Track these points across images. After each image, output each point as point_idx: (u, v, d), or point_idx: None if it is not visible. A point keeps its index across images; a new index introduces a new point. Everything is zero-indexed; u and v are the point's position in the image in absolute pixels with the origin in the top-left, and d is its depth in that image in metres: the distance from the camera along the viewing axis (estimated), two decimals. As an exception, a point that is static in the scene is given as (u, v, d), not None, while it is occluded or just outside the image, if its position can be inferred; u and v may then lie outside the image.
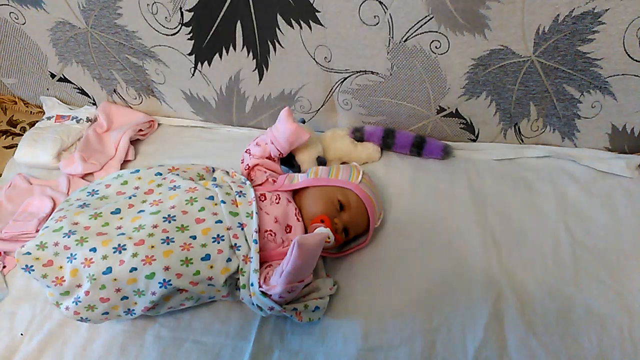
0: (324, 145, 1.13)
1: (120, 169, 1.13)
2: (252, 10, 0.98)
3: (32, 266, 0.80)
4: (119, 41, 1.12)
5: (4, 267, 1.00)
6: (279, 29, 1.00)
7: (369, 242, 0.99)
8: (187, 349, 0.88)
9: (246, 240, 0.85)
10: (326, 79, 1.09)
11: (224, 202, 0.88)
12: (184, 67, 1.12)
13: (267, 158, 1.03)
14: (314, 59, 1.05)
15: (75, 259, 0.80)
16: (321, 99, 1.15)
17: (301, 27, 0.99)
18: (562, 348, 0.84)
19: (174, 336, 0.89)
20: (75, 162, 1.14)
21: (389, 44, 0.97)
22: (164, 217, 0.84)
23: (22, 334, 0.90)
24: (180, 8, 1.00)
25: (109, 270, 0.78)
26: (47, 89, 1.31)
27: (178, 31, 1.04)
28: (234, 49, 1.06)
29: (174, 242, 0.81)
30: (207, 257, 0.82)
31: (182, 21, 1.02)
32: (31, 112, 1.38)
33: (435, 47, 0.96)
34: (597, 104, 1.02)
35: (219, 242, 0.83)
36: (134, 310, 0.84)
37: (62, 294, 0.81)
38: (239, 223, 0.87)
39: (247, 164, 1.03)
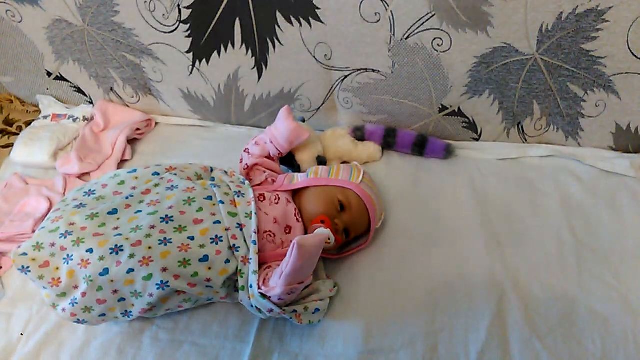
0: (324, 144, 1.13)
1: (117, 169, 1.12)
2: (251, 7, 0.98)
3: (28, 267, 0.79)
4: (116, 39, 1.11)
5: (0, 268, 0.99)
6: (279, 26, 1.00)
7: (369, 243, 0.98)
8: (185, 351, 0.87)
9: (245, 241, 0.84)
10: (326, 77, 1.08)
11: (223, 202, 0.87)
12: (182, 65, 1.12)
13: (266, 157, 1.02)
14: (314, 56, 1.04)
15: (71, 260, 0.78)
16: (321, 98, 1.14)
17: (301, 25, 0.98)
18: (565, 350, 0.84)
19: (172, 338, 0.88)
20: (71, 162, 1.14)
21: (390, 41, 0.97)
22: (161, 218, 0.83)
23: (22, 334, 0.90)
24: (178, 5, 0.99)
25: (105, 271, 0.77)
26: (47, 89, 1.30)
27: (176, 29, 1.04)
28: (233, 46, 1.06)
29: (171, 243, 0.80)
30: (205, 259, 0.81)
31: (180, 18, 1.02)
32: (27, 111, 1.37)
33: (438, 44, 0.96)
34: (601, 103, 1.01)
35: (217, 243, 0.82)
36: (131, 312, 0.83)
37: (59, 296, 0.80)
38: (237, 224, 0.86)
39: (246, 164, 1.02)
